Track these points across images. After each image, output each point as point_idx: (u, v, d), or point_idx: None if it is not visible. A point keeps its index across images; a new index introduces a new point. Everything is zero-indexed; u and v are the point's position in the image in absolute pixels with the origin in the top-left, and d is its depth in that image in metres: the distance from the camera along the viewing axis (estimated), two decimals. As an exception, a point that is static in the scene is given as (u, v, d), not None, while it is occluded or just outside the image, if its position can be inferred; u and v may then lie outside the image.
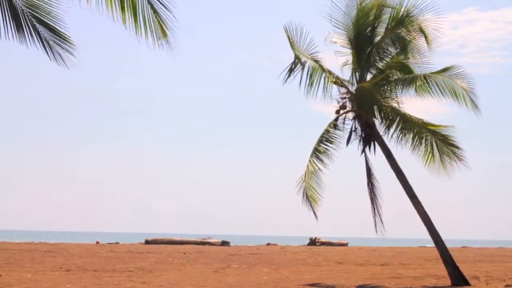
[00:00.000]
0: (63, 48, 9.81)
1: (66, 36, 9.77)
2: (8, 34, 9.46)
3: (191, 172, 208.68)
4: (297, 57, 17.58)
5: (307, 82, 17.74)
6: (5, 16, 9.42)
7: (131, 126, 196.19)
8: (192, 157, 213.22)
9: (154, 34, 9.29)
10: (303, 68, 17.66)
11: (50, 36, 9.75)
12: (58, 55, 9.84)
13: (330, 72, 17.87)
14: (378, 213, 18.27)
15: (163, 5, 9.23)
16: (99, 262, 23.90)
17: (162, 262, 24.48)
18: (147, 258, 26.53)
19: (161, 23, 9.28)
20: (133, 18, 9.22)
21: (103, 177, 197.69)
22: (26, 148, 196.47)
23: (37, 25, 9.65)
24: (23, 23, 9.56)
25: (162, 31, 9.28)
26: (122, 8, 9.18)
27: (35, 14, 9.59)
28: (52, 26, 9.70)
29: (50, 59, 9.80)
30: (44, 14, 9.63)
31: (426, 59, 17.54)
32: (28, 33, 9.63)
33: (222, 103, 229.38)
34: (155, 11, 9.27)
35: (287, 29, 17.59)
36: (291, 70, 17.61)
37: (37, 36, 9.70)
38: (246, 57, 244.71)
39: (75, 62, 9.90)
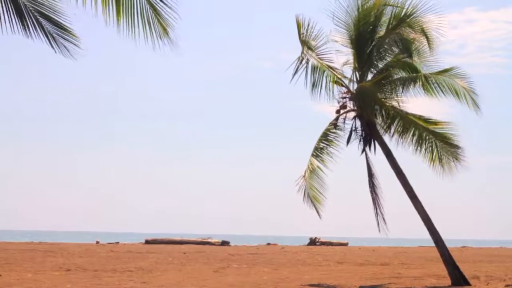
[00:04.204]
0: (67, 40, 9.74)
1: (69, 29, 9.71)
2: (13, 28, 9.43)
3: (191, 172, 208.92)
4: (304, 47, 17.54)
5: (311, 81, 17.81)
6: (9, 10, 9.39)
7: (131, 127, 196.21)
8: (192, 157, 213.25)
9: (154, 34, 9.11)
10: (307, 67, 17.70)
11: (54, 29, 9.70)
12: (63, 47, 9.77)
13: (333, 69, 17.88)
14: (381, 212, 18.27)
15: (163, 2, 9.06)
16: (99, 262, 23.86)
17: (162, 262, 24.45)
18: (147, 258, 26.50)
19: (161, 21, 9.10)
20: (130, 20, 9.06)
21: (103, 177, 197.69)
22: (26, 148, 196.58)
23: (40, 18, 9.61)
24: (26, 17, 9.52)
25: (163, 29, 9.11)
26: (118, 10, 9.04)
27: (38, 8, 9.56)
28: (55, 20, 9.65)
29: (55, 51, 9.73)
30: (46, 8, 9.59)
31: (431, 58, 17.51)
32: (32, 26, 9.59)
33: (222, 104, 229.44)
34: (154, 9, 9.10)
35: (299, 19, 17.58)
36: (301, 60, 17.58)
37: (41, 29, 9.65)
38: (247, 57, 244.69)
39: (81, 54, 9.81)
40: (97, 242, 43.59)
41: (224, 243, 42.30)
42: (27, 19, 9.53)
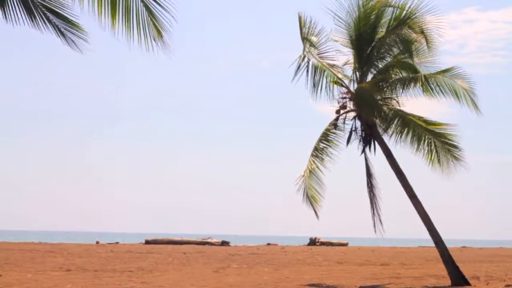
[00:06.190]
0: (75, 34, 9.80)
1: (76, 24, 9.75)
2: (19, 21, 9.47)
3: (191, 172, 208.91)
4: (305, 45, 17.55)
5: (311, 81, 17.83)
6: (17, 4, 9.40)
7: (131, 126, 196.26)
8: (192, 156, 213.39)
9: (148, 36, 9.07)
10: (308, 66, 17.71)
11: (61, 23, 9.74)
12: (71, 40, 9.84)
13: (333, 69, 17.88)
14: (377, 213, 18.29)
15: (159, 5, 9.02)
16: (99, 262, 23.88)
17: (162, 262, 24.46)
18: (147, 258, 26.51)
19: (156, 24, 9.06)
20: (125, 21, 9.04)
21: (103, 177, 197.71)
22: (26, 149, 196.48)
23: (48, 13, 9.63)
24: (34, 11, 9.55)
25: (158, 32, 9.07)
26: (113, 11, 9.01)
27: (45, 3, 9.59)
28: (63, 15, 9.68)
29: (63, 43, 9.81)
30: (53, 3, 9.62)
31: (431, 59, 17.50)
32: (41, 20, 9.62)
33: (223, 102, 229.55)
34: (150, 12, 9.06)
35: (301, 17, 17.58)
36: (302, 58, 17.60)
37: (50, 23, 9.69)
38: (246, 57, 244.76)
39: (89, 47, 9.90)
40: (97, 242, 43.56)
41: (224, 243, 42.29)
42: (35, 13, 9.56)
